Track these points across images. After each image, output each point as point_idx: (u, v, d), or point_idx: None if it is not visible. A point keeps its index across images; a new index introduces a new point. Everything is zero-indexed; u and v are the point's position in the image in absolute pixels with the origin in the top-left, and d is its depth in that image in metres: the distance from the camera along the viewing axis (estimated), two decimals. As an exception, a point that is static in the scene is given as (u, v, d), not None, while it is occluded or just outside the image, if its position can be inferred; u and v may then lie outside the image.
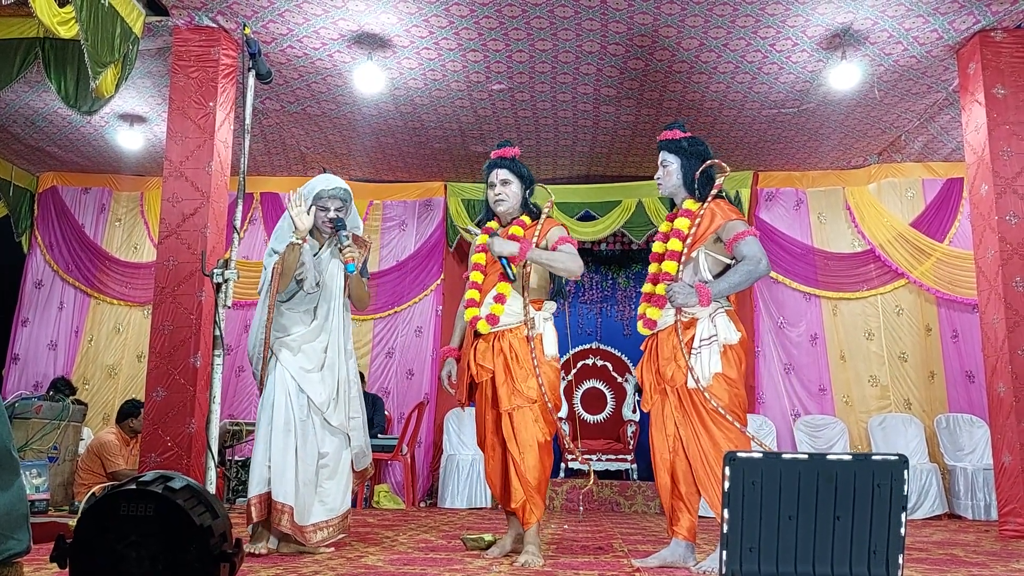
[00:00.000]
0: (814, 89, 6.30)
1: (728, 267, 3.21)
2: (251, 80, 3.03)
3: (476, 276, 3.48)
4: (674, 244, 3.24)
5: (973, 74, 5.48)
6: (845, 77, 5.82)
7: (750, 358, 6.83)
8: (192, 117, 5.30)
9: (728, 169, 3.31)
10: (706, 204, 3.22)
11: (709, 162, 3.29)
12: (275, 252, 3.55)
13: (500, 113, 6.85)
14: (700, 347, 3.10)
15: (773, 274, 7.64)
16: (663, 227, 3.44)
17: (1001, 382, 5.13)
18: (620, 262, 9.11)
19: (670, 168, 3.35)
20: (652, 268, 3.38)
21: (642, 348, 3.38)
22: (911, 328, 7.68)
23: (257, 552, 3.37)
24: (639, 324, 3.32)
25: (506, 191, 3.49)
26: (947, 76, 6.02)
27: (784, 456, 1.78)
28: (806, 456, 1.78)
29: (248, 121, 2.97)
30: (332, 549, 3.55)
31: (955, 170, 7.62)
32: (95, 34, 4.55)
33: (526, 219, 3.51)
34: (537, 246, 3.39)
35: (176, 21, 5.34)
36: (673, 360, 3.14)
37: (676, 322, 3.14)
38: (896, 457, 1.77)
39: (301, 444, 3.48)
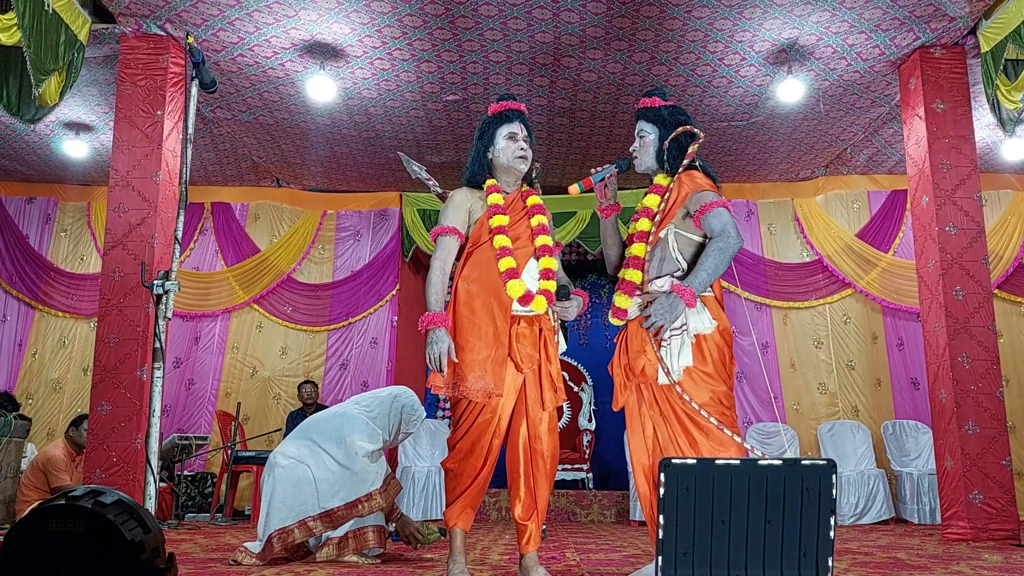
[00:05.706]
0: (762, 103, 6.44)
1: (702, 246, 2.83)
2: (194, 90, 2.99)
3: (504, 240, 2.94)
4: (641, 224, 2.88)
5: (914, 89, 5.64)
6: (791, 91, 5.96)
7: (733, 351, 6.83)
8: (139, 126, 5.21)
9: (703, 136, 2.91)
10: (675, 176, 2.86)
11: (680, 129, 2.90)
12: None
13: (455, 124, 6.86)
14: (670, 338, 2.75)
15: (724, 283, 7.71)
16: (638, 204, 3.05)
17: (943, 388, 5.27)
18: (576, 272, 9.15)
19: (647, 139, 2.99)
20: (628, 252, 2.97)
21: (616, 340, 3.02)
22: (858, 336, 7.85)
23: None
24: (610, 314, 2.94)
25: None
26: (890, 91, 6.20)
27: (717, 462, 1.81)
28: (738, 462, 1.81)
29: (191, 131, 2.94)
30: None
31: (899, 182, 7.82)
32: (38, 41, 4.45)
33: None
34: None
35: (123, 29, 5.26)
36: (643, 353, 2.78)
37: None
38: (824, 462, 1.82)
39: None
